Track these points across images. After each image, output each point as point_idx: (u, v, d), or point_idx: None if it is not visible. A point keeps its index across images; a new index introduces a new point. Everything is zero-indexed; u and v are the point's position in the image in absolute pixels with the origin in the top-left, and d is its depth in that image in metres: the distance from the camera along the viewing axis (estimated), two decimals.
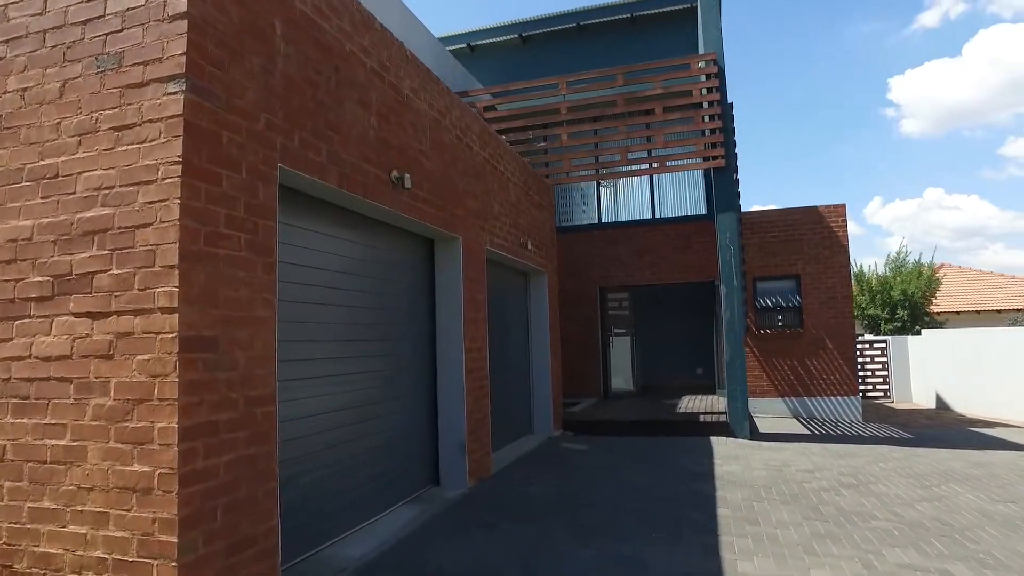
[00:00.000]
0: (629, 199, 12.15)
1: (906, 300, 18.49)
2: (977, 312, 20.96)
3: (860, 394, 11.03)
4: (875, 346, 14.25)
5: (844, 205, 10.97)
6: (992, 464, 6.76)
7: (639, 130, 10.34)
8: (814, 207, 11.07)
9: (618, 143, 9.53)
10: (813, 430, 9.43)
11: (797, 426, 9.83)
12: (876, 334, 18.25)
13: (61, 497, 2.80)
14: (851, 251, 11.04)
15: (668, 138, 9.37)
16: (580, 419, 9.42)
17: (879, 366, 14.14)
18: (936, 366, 13.14)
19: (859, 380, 12.22)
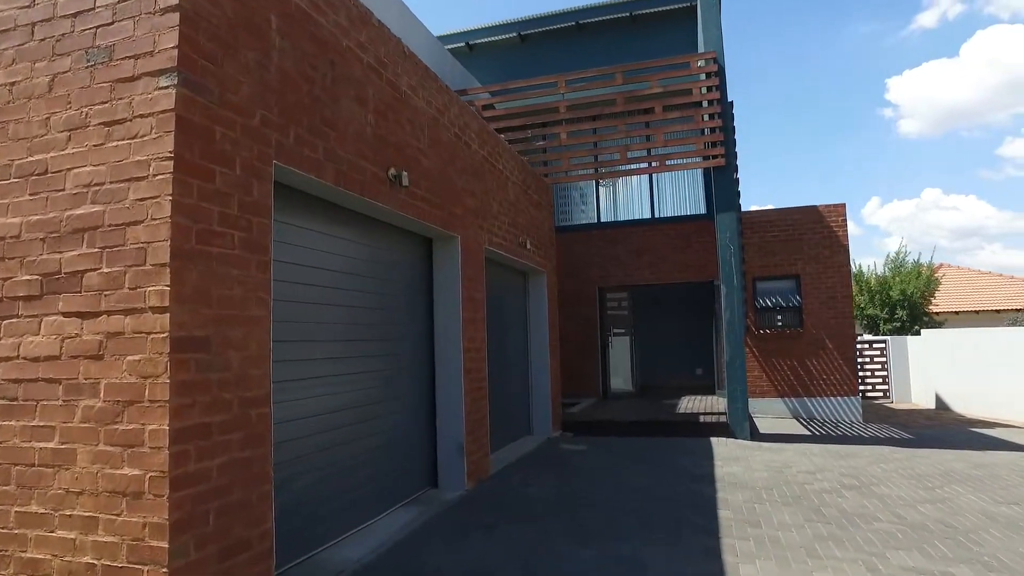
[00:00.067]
0: (628, 198, 12.10)
1: (905, 300, 18.48)
2: (976, 312, 20.95)
3: (860, 394, 10.98)
4: (874, 346, 14.21)
5: (844, 205, 10.94)
6: (994, 465, 6.71)
7: (638, 129, 10.30)
8: (814, 206, 11.02)
9: (617, 142, 9.48)
10: (813, 431, 9.39)
11: (797, 427, 9.78)
12: (875, 334, 18.23)
13: (49, 501, 2.73)
14: (850, 251, 10.98)
15: (668, 137, 9.31)
16: (579, 419, 9.37)
17: (878, 366, 14.10)
18: (936, 366, 13.11)
19: (859, 380, 12.18)
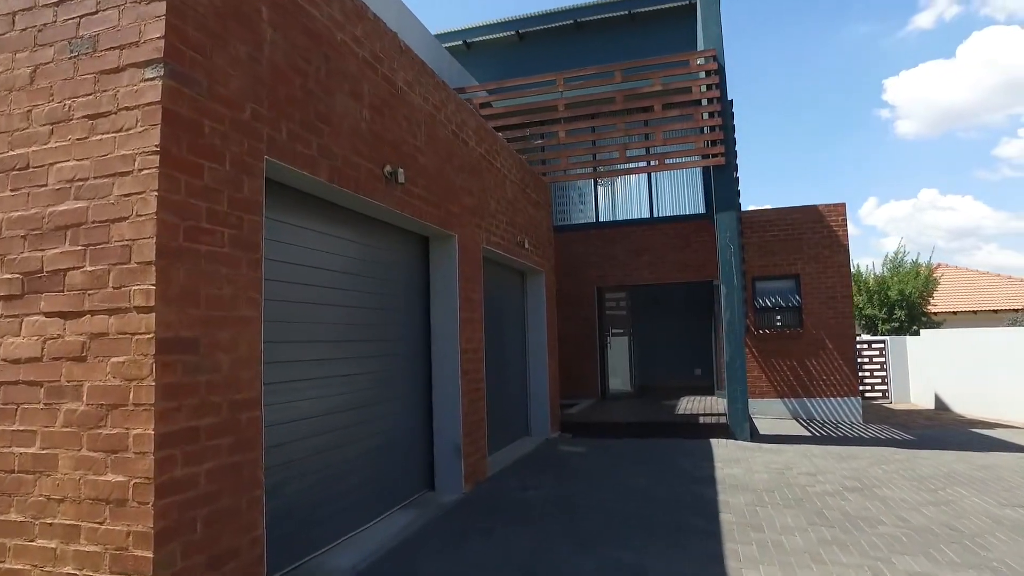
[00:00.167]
0: (627, 198, 12.00)
1: (903, 300, 18.44)
2: (974, 312, 20.93)
3: (860, 395, 10.92)
4: (873, 346, 14.14)
5: (844, 204, 10.86)
6: (997, 467, 6.64)
7: (637, 128, 10.21)
8: (814, 206, 10.94)
9: (616, 140, 9.39)
10: (814, 431, 9.31)
11: (797, 427, 9.71)
12: (873, 334, 18.19)
13: (29, 509, 2.63)
14: (850, 251, 10.92)
15: (667, 136, 9.22)
16: (578, 420, 9.28)
17: (877, 366, 14.03)
18: (935, 366, 13.05)
19: (859, 381, 12.12)
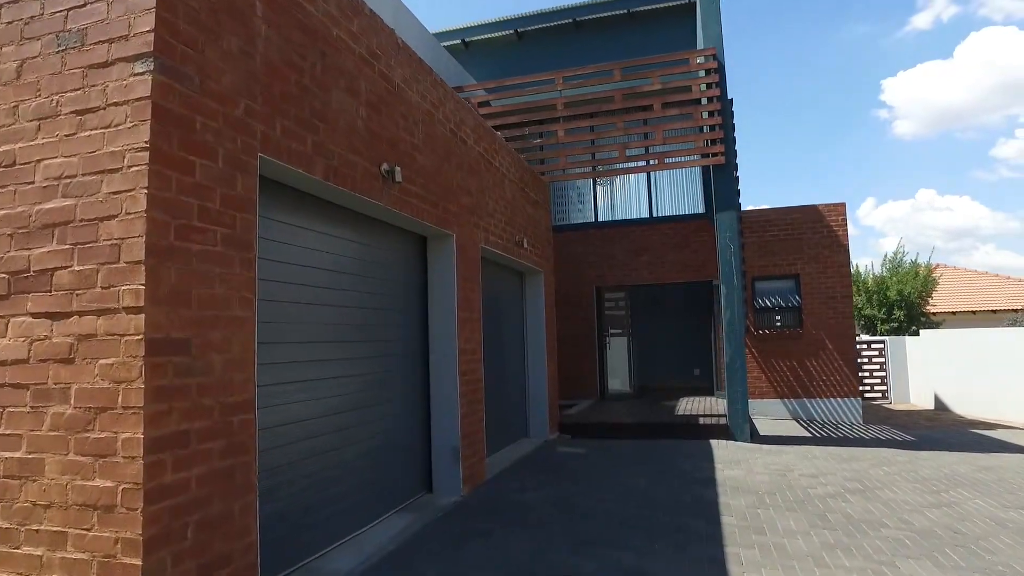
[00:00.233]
0: (626, 197, 11.95)
1: (902, 300, 18.41)
2: (972, 312, 20.91)
3: (860, 396, 10.87)
4: (873, 346, 14.10)
5: (844, 204, 10.81)
6: (999, 468, 6.59)
7: (637, 127, 10.15)
8: (814, 206, 10.89)
9: (615, 140, 9.33)
10: (814, 432, 9.26)
11: (797, 428, 9.66)
12: (872, 334, 18.15)
13: (15, 515, 2.56)
14: (850, 251, 10.87)
15: (667, 135, 9.16)
16: (577, 421, 9.22)
17: (877, 367, 13.98)
18: (935, 367, 13.01)
19: (859, 381, 12.08)
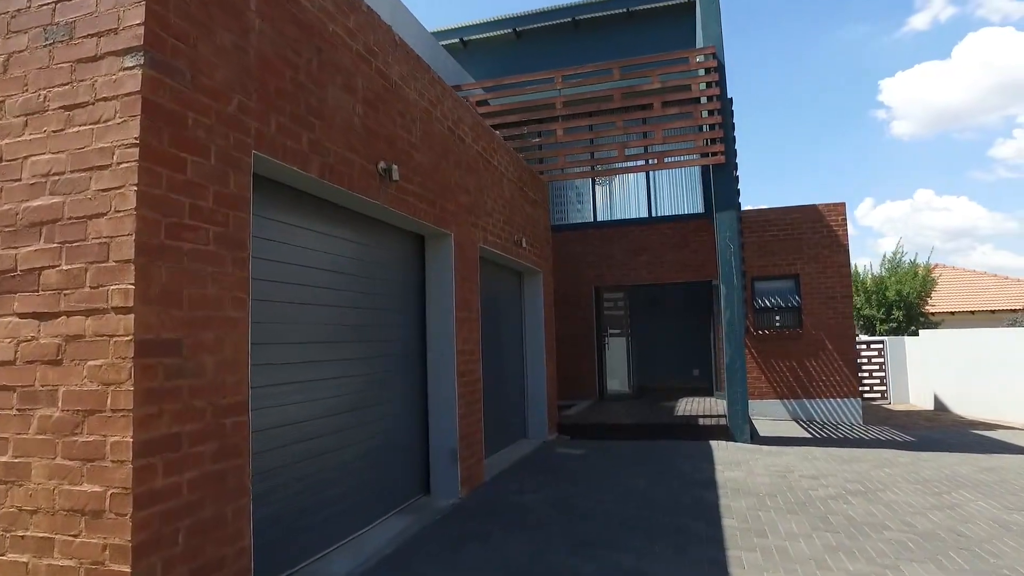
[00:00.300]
0: (625, 197, 11.91)
1: (901, 301, 18.38)
2: (972, 313, 20.89)
3: (860, 396, 10.83)
4: (872, 347, 14.06)
5: (844, 204, 10.77)
6: (1001, 469, 6.55)
7: (636, 126, 10.09)
8: (813, 205, 10.85)
9: (615, 139, 9.27)
10: (814, 433, 9.21)
11: (797, 429, 9.61)
12: (871, 335, 18.12)
13: (0, 521, 2.50)
14: (850, 251, 10.83)
15: (666, 134, 9.11)
16: (576, 422, 9.16)
17: (876, 367, 13.95)
18: (934, 367, 12.98)
19: (859, 381, 12.05)
